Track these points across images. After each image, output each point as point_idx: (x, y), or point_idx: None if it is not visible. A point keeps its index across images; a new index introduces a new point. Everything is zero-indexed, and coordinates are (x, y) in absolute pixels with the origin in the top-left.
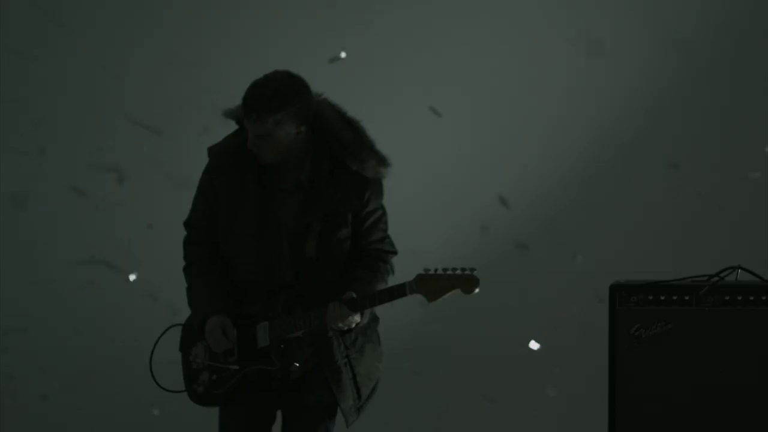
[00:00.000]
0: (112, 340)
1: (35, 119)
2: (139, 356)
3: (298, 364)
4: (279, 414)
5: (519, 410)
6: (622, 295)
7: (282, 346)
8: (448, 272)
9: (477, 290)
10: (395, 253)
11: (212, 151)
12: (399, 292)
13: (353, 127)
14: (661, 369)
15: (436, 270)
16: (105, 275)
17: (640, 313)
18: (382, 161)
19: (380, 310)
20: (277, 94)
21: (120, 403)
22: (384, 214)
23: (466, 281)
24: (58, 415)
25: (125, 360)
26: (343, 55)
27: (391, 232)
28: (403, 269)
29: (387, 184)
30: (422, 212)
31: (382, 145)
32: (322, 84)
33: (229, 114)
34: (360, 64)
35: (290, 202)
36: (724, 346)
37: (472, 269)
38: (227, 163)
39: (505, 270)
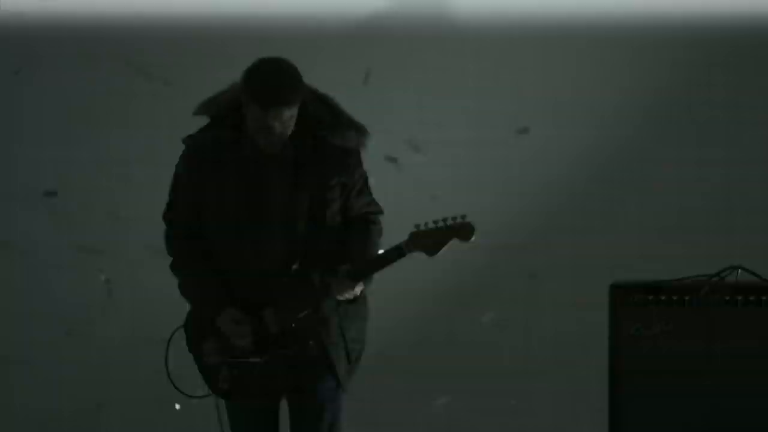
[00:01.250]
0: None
1: None
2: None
3: (312, 342)
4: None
5: (519, 410)
6: (622, 295)
7: (293, 325)
8: (440, 224)
9: (474, 237)
10: (381, 212)
11: (189, 140)
12: (397, 254)
13: (327, 102)
14: (661, 369)
15: (426, 224)
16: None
17: (640, 313)
18: (361, 131)
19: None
20: (291, 78)
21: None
22: (367, 177)
23: (461, 228)
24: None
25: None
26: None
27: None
28: (402, 267)
29: (392, 184)
30: (420, 213)
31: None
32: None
33: (201, 110)
34: (358, 71)
35: (277, 182)
36: (724, 346)
37: (464, 216)
38: (206, 149)
39: (505, 270)
